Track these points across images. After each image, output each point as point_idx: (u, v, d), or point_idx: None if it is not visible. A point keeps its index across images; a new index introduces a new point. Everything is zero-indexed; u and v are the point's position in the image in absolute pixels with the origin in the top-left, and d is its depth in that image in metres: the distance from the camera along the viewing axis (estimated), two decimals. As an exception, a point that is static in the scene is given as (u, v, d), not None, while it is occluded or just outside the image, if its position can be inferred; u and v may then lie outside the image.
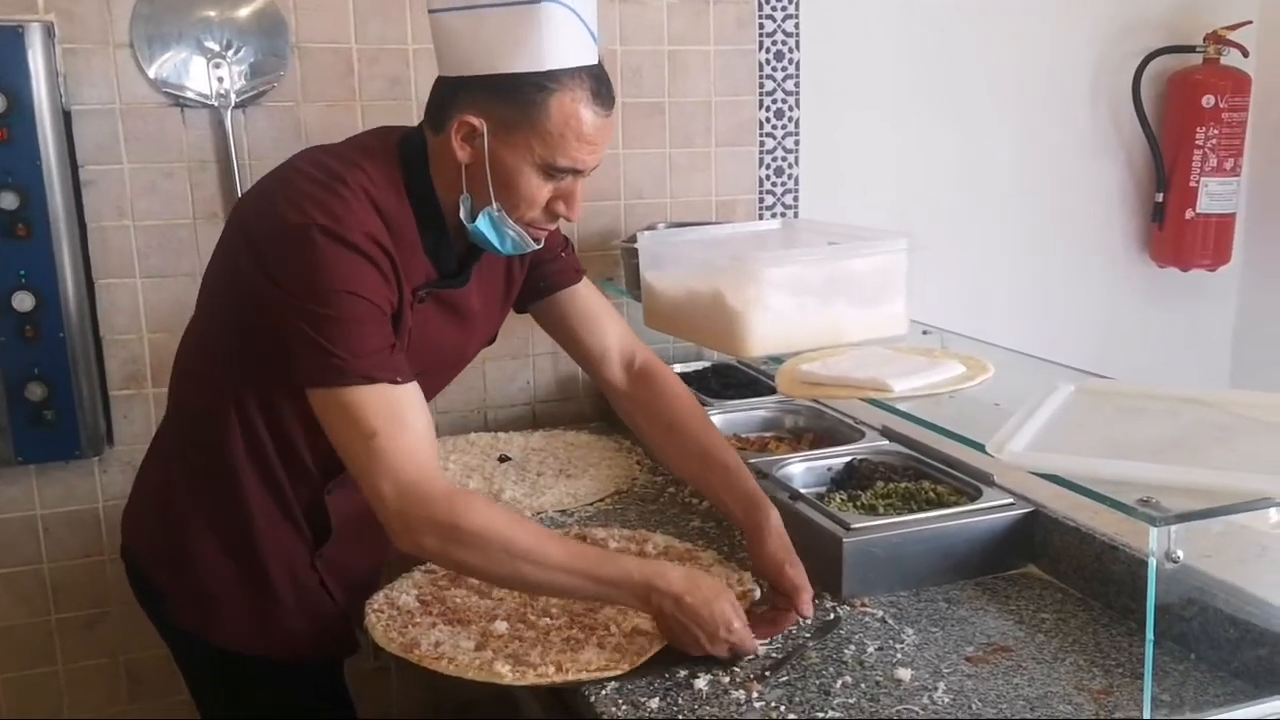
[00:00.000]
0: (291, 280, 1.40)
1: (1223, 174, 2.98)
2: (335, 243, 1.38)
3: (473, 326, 1.65)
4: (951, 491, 1.87)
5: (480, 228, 1.49)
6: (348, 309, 1.39)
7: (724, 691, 1.44)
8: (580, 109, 1.42)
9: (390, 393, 1.41)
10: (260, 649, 1.63)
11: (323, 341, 1.39)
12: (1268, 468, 1.20)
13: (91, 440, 2.25)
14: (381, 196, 1.45)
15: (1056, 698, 1.41)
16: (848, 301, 1.88)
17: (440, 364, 1.65)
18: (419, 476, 1.41)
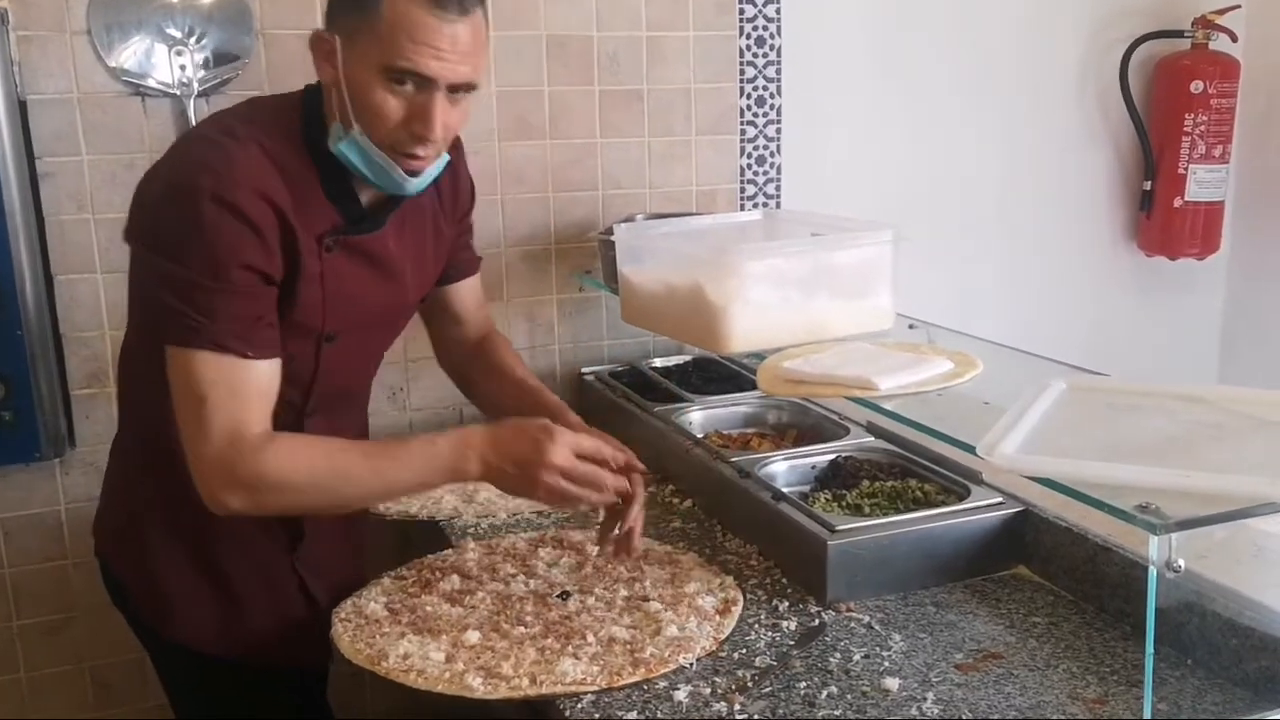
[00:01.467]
0: (160, 241, 1.40)
1: (1211, 161, 2.93)
2: (214, 205, 1.36)
3: (401, 281, 1.61)
4: (939, 490, 1.82)
5: (345, 152, 1.45)
6: (213, 275, 1.38)
7: (705, 704, 1.39)
8: (412, 7, 1.37)
9: (235, 364, 1.40)
10: (222, 650, 1.60)
11: (182, 303, 1.38)
12: (1269, 469, 1.15)
13: (52, 441, 2.18)
14: (276, 147, 1.44)
15: (1050, 707, 1.36)
16: (831, 295, 1.82)
17: (369, 320, 1.60)
18: (231, 442, 1.39)
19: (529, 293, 2.56)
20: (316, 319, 1.51)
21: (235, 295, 1.39)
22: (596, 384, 2.52)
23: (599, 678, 1.42)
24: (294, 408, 1.55)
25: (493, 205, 2.49)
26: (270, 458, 1.40)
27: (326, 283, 1.49)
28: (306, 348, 1.53)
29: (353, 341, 1.58)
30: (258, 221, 1.39)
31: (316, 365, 1.56)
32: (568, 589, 1.66)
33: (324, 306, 1.50)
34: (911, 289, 2.03)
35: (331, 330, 1.54)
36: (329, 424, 1.59)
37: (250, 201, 1.38)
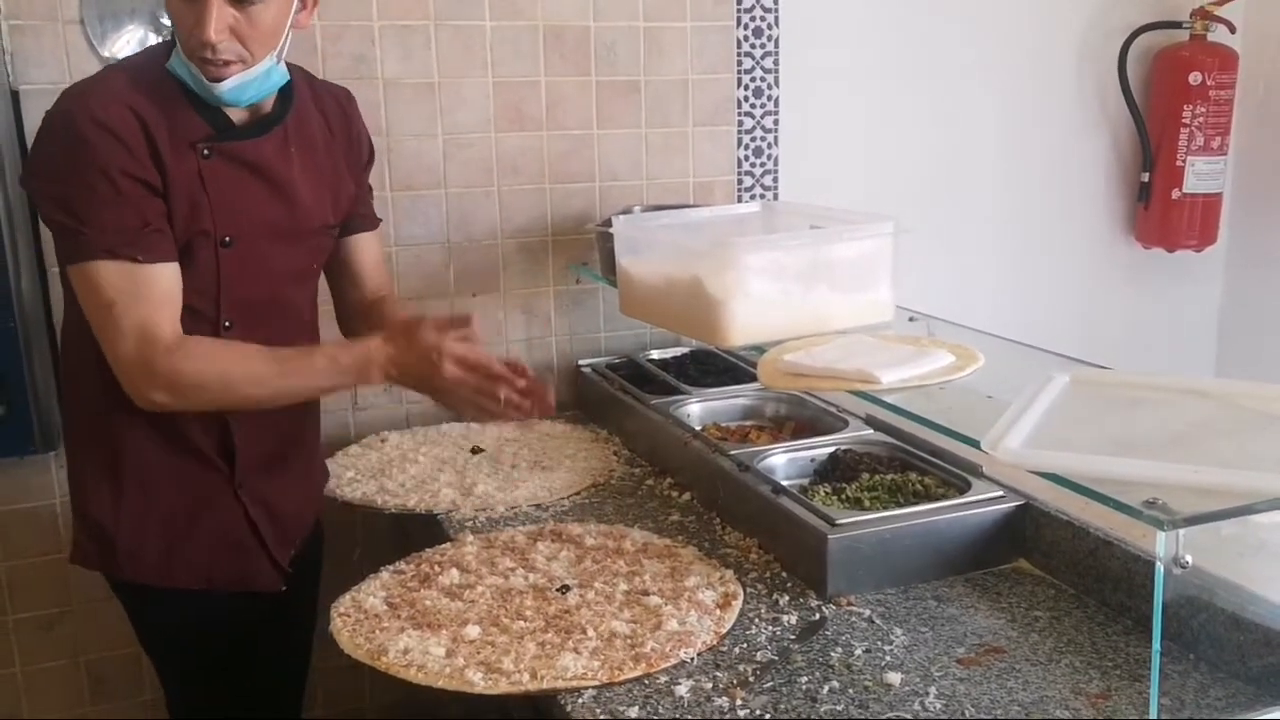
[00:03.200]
0: (44, 167, 1.54)
1: (1210, 153, 2.93)
2: (80, 122, 1.50)
3: (292, 197, 1.69)
4: (939, 483, 1.81)
5: (174, 69, 1.57)
6: (89, 186, 1.50)
7: (706, 699, 1.38)
8: None
9: (131, 269, 1.52)
10: (165, 580, 1.70)
11: (70, 220, 1.52)
12: (1275, 464, 1.14)
13: (46, 435, 2.17)
14: (142, 75, 1.57)
15: (1052, 702, 1.36)
16: (831, 288, 1.81)
17: (265, 230, 1.67)
18: (148, 340, 1.53)
19: (525, 285, 2.55)
20: (206, 221, 1.60)
21: (117, 203, 1.51)
22: (594, 376, 2.51)
23: (600, 673, 1.41)
24: (207, 319, 1.64)
25: (489, 197, 2.47)
26: (183, 358, 1.55)
27: (209, 186, 1.60)
28: (206, 253, 1.62)
29: (254, 252, 1.66)
30: (122, 132, 1.51)
31: (218, 271, 1.64)
32: (567, 583, 1.65)
33: (211, 210, 1.60)
34: (910, 280, 2.02)
35: (226, 235, 1.63)
36: (250, 335, 1.66)
37: (112, 113, 1.51)
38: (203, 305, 1.63)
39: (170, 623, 1.77)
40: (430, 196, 2.43)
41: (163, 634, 1.80)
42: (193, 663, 1.80)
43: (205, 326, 1.64)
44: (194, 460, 1.69)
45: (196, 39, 1.51)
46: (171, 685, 1.85)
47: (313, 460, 1.93)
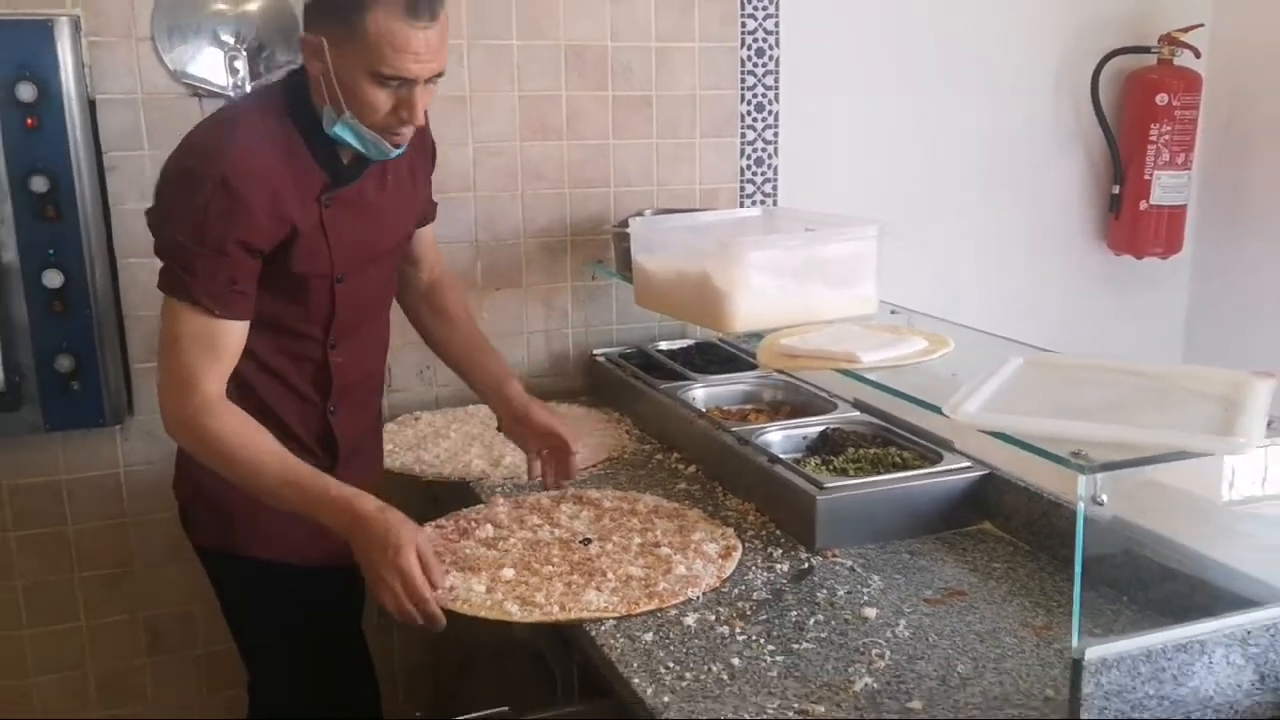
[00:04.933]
0: (167, 211, 1.69)
1: (1175, 168, 3.17)
2: (214, 188, 1.62)
3: (387, 223, 1.88)
4: (916, 456, 2.05)
5: (340, 134, 1.71)
6: (207, 247, 1.64)
7: (710, 627, 1.62)
8: (394, 24, 1.60)
9: (205, 320, 1.67)
10: (280, 553, 1.85)
11: (172, 262, 1.67)
12: (1187, 427, 1.38)
13: (114, 409, 2.40)
14: (269, 128, 1.70)
15: (1004, 632, 1.60)
16: (823, 283, 2.05)
17: (369, 259, 1.86)
18: (190, 387, 1.66)
19: (546, 280, 2.79)
20: (326, 265, 1.78)
21: (216, 262, 1.65)
22: (607, 364, 2.75)
23: (619, 606, 1.65)
24: (315, 340, 1.84)
25: (514, 199, 2.72)
26: (210, 418, 1.66)
27: (329, 233, 1.76)
28: (323, 292, 1.81)
29: (359, 280, 1.85)
30: (250, 202, 1.64)
31: (333, 304, 1.82)
32: (588, 536, 1.89)
33: (330, 252, 1.77)
34: (895, 282, 2.25)
35: (340, 273, 1.81)
36: (349, 356, 1.88)
37: (243, 184, 1.64)
38: (313, 331, 1.82)
39: (258, 590, 1.91)
40: (461, 199, 2.67)
41: (247, 602, 1.95)
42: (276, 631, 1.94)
43: (313, 346, 1.83)
44: (296, 447, 1.78)
45: (399, 118, 1.67)
46: (255, 654, 2.00)
47: (380, 442, 2.13)
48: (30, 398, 2.31)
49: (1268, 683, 1.45)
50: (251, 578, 1.90)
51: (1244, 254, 3.29)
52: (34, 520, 2.47)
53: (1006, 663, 1.52)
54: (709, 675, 1.49)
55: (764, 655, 1.55)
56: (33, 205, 2.24)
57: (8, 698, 2.52)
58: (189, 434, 1.69)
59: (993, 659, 1.53)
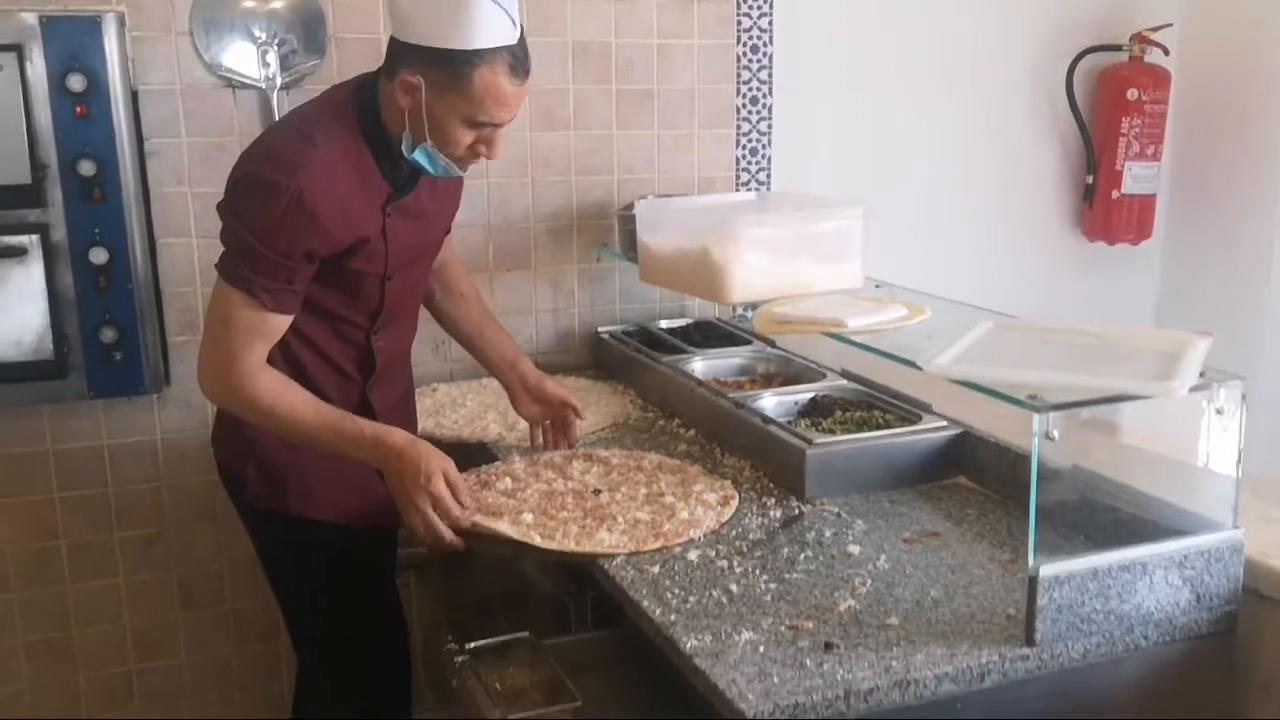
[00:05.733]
0: (240, 209, 1.82)
1: (1145, 159, 3.36)
2: (290, 201, 1.76)
3: (430, 221, 2.06)
4: (898, 419, 2.24)
5: (417, 158, 1.88)
6: (272, 250, 1.79)
7: (710, 562, 1.80)
8: (499, 80, 1.79)
9: (256, 310, 1.82)
10: (330, 514, 2.02)
11: (240, 256, 1.81)
12: (1130, 376, 1.57)
13: (153, 379, 2.58)
14: (343, 142, 1.85)
15: (973, 565, 1.79)
16: (812, 258, 2.24)
17: (416, 257, 2.05)
18: (232, 362, 1.84)
19: (553, 262, 2.97)
20: (381, 266, 1.95)
21: (278, 264, 1.80)
22: (611, 340, 2.93)
23: (628, 545, 1.84)
24: (364, 330, 2.02)
25: (524, 186, 2.90)
26: (252, 384, 1.84)
27: (389, 239, 1.94)
28: (374, 287, 1.98)
29: (405, 277, 2.03)
30: (321, 218, 1.80)
31: (382, 298, 2.00)
32: (599, 488, 2.07)
33: (387, 256, 1.95)
34: (880, 267, 2.44)
35: (391, 271, 1.98)
36: (388, 341, 2.07)
37: (320, 200, 1.79)
38: (360, 320, 2.00)
39: (304, 548, 2.06)
40: (475, 185, 2.84)
41: (295, 559, 2.10)
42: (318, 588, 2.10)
43: (359, 333, 2.01)
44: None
45: (477, 154, 1.89)
46: (296, 614, 2.18)
47: (412, 411, 2.30)
48: (76, 367, 2.48)
49: (1203, 602, 1.64)
50: (300, 537, 2.05)
51: (1211, 240, 3.49)
52: (78, 482, 2.64)
53: (974, 589, 1.71)
54: (710, 599, 1.68)
55: (759, 583, 1.73)
56: (81, 188, 2.41)
57: (53, 649, 2.70)
58: (231, 398, 1.88)
59: (962, 586, 1.72)
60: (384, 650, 2.21)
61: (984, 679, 1.52)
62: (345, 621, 2.13)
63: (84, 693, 2.75)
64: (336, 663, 2.17)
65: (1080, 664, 1.58)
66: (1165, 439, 1.88)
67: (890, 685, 1.47)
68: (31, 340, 2.43)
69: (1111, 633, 1.59)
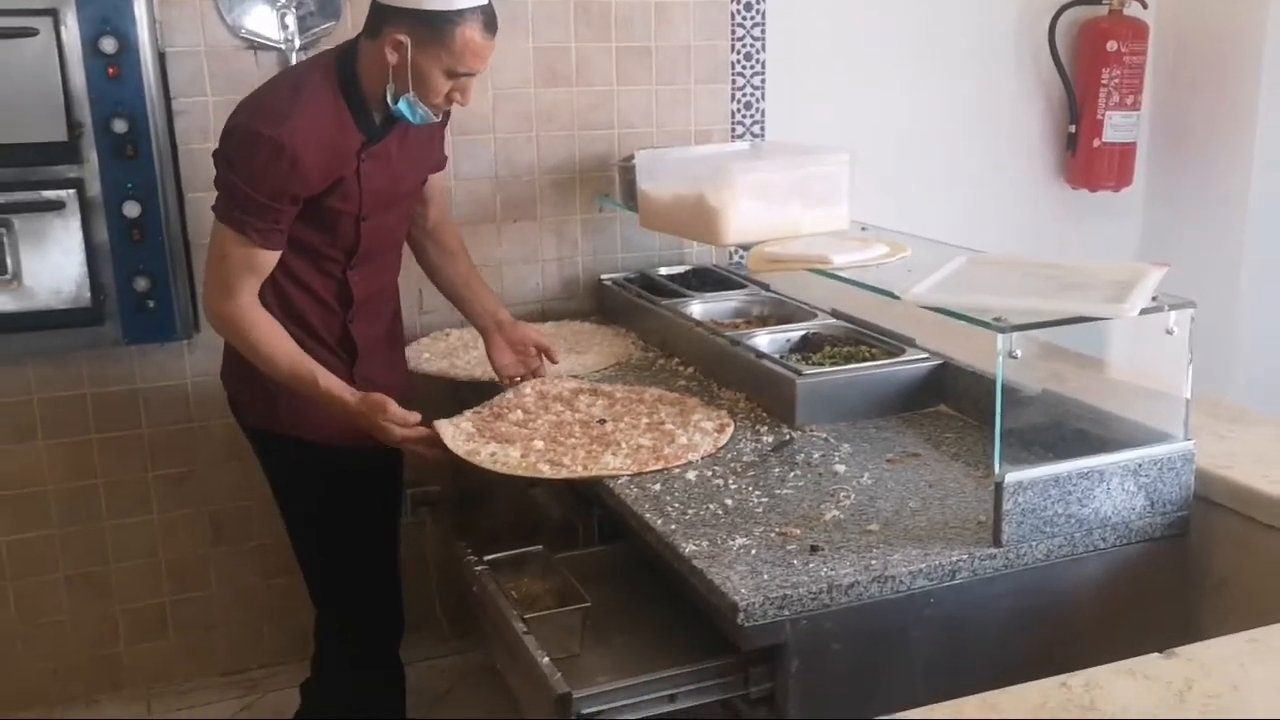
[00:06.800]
0: (231, 156, 2.06)
1: (1125, 109, 3.49)
2: (274, 148, 1.99)
3: (399, 170, 2.23)
4: (883, 353, 2.39)
5: (401, 109, 2.10)
6: (259, 193, 2.02)
7: (707, 481, 1.97)
8: (476, 36, 2.03)
9: (247, 247, 2.06)
10: (319, 434, 2.21)
11: (232, 200, 2.06)
12: (1088, 301, 1.72)
13: (184, 326, 2.73)
14: (325, 99, 2.08)
15: (949, 480, 1.95)
16: (802, 203, 2.38)
17: (388, 201, 2.23)
18: (229, 294, 2.08)
19: (557, 213, 3.11)
20: (355, 206, 2.15)
21: (266, 206, 2.03)
22: (613, 287, 3.08)
23: (631, 467, 2.00)
24: (341, 264, 2.21)
25: (529, 141, 3.04)
26: (241, 317, 2.09)
27: (363, 182, 2.14)
28: (350, 226, 2.18)
29: (380, 220, 2.22)
30: (303, 163, 2.01)
31: (357, 237, 2.19)
32: (603, 418, 2.23)
33: (361, 197, 2.15)
34: (867, 213, 2.58)
35: (366, 213, 2.18)
36: (364, 276, 2.25)
37: (307, 152, 2.01)
38: (338, 256, 2.20)
39: (300, 466, 2.28)
40: (482, 140, 2.99)
41: (291, 477, 2.33)
42: (314, 505, 2.32)
43: (337, 267, 2.21)
44: (324, 350, 2.22)
45: (452, 100, 2.10)
46: (296, 529, 2.39)
47: (399, 350, 2.48)
48: (111, 314, 2.64)
49: (1156, 507, 1.81)
50: (295, 456, 2.27)
51: (1189, 186, 3.62)
52: (114, 424, 2.81)
53: (949, 500, 1.88)
54: (707, 512, 1.84)
55: (752, 498, 1.90)
56: (114, 145, 2.55)
57: (93, 582, 2.87)
58: (226, 328, 2.14)
59: (938, 498, 1.88)
60: (376, 575, 2.40)
61: (954, 576, 1.69)
62: (338, 544, 2.34)
63: (121, 623, 2.93)
64: (334, 587, 2.39)
65: (1044, 564, 1.75)
66: (1127, 365, 2.05)
67: (869, 580, 1.64)
68: (70, 290, 2.58)
69: (1072, 535, 1.75)
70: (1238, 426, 2.06)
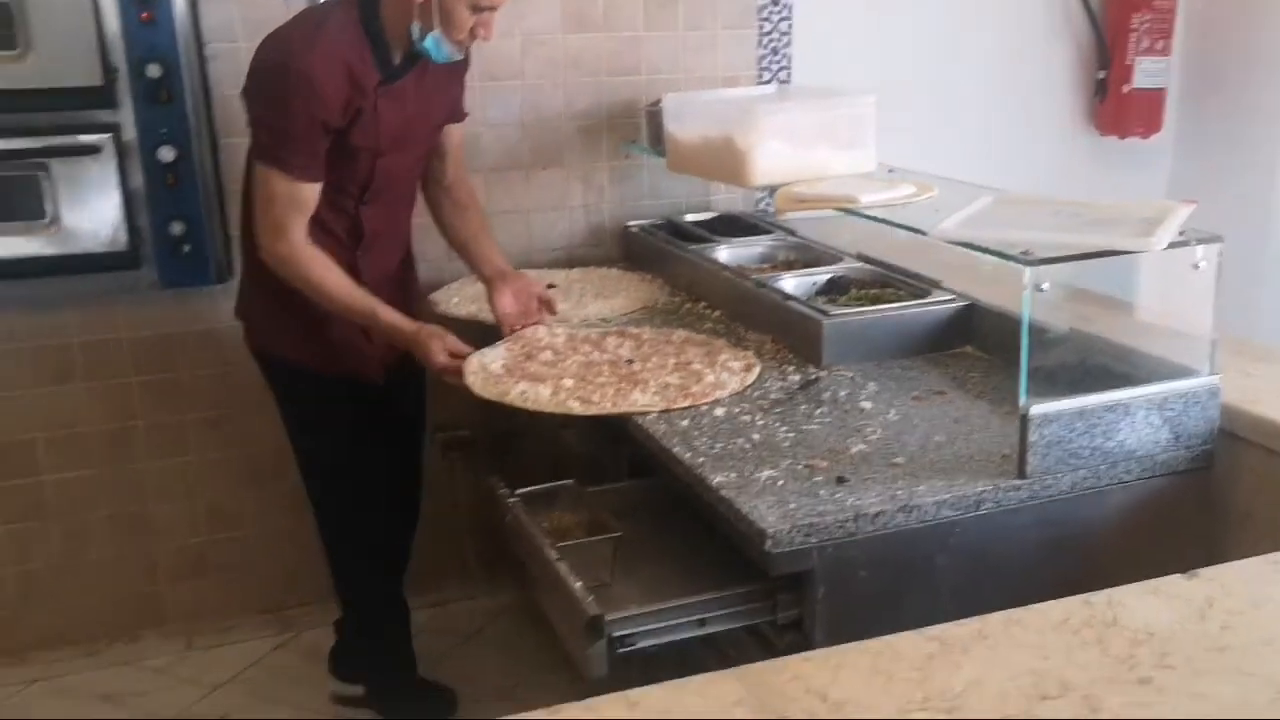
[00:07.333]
0: (260, 94, 2.16)
1: (1154, 54, 3.47)
2: (299, 78, 2.07)
3: (414, 110, 2.29)
4: (910, 295, 2.40)
5: (426, 46, 2.17)
6: (293, 128, 2.11)
7: (735, 417, 2.00)
8: None
9: (290, 182, 2.15)
10: (315, 361, 2.35)
11: (265, 135, 2.16)
12: (1116, 236, 1.73)
13: (218, 271, 2.78)
14: (346, 34, 2.15)
15: (974, 417, 1.97)
16: (829, 145, 2.39)
17: (405, 138, 2.30)
18: (280, 233, 2.18)
19: (584, 161, 3.13)
20: (373, 141, 2.22)
21: (300, 138, 2.11)
22: (640, 233, 3.10)
23: (660, 403, 2.03)
24: (353, 197, 2.28)
25: (556, 87, 3.05)
26: (301, 259, 2.19)
27: (380, 117, 2.21)
28: (366, 163, 2.25)
29: (394, 160, 2.29)
30: (327, 91, 2.09)
31: (371, 174, 2.27)
32: (631, 359, 2.26)
33: (378, 133, 2.22)
34: (893, 158, 2.57)
35: (383, 149, 2.25)
36: (375, 212, 2.33)
37: (326, 78, 2.09)
38: (353, 190, 2.27)
39: (307, 398, 2.41)
40: (510, 86, 3.00)
41: (300, 408, 2.45)
42: (326, 440, 2.42)
43: (350, 203, 2.28)
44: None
45: (474, 35, 2.16)
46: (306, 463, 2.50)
47: (409, 294, 2.53)
48: (148, 258, 2.68)
49: (1181, 440, 1.82)
50: (295, 381, 2.40)
51: (1219, 133, 3.60)
52: (150, 368, 2.86)
53: (974, 435, 1.90)
54: (734, 446, 1.88)
55: (779, 433, 1.93)
56: (149, 90, 2.59)
57: (135, 523, 2.95)
58: (285, 268, 2.21)
59: (963, 433, 1.91)
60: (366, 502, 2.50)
61: (979, 506, 1.72)
62: (329, 469, 2.46)
63: (161, 562, 3.00)
64: (333, 513, 2.53)
65: (1068, 495, 1.77)
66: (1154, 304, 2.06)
67: (895, 510, 1.67)
68: (107, 234, 2.63)
69: (1097, 467, 1.77)
70: (1264, 365, 2.07)
